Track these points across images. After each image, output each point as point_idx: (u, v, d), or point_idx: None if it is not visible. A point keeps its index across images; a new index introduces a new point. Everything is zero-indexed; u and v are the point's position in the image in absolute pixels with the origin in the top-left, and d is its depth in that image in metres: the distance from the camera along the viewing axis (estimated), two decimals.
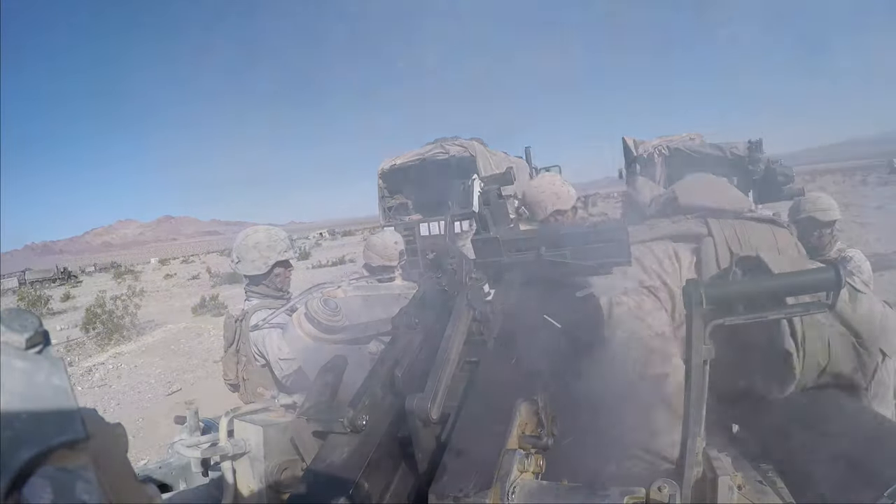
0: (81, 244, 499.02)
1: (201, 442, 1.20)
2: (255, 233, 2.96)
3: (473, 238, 1.26)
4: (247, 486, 1.10)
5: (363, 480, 0.78)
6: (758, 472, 1.19)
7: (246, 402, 2.82)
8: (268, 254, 2.87)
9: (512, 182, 1.29)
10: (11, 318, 0.38)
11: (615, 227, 1.17)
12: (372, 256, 4.09)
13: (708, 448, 0.85)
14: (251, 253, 2.88)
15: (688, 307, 0.71)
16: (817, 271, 0.73)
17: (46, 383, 0.36)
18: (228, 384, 2.99)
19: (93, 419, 0.43)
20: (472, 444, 0.74)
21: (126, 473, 0.44)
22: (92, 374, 9.61)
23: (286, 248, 2.92)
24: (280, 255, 2.88)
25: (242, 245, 2.92)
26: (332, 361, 1.04)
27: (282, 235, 2.95)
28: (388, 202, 11.63)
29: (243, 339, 2.83)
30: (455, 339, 0.93)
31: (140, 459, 5.24)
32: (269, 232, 2.95)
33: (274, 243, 2.89)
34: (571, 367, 1.04)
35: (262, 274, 2.90)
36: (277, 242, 2.89)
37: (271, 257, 2.87)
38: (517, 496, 0.67)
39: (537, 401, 0.80)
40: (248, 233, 2.98)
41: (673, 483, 0.62)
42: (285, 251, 2.91)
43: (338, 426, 0.85)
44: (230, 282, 21.74)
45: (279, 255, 2.87)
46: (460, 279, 1.04)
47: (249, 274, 2.92)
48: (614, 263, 1.16)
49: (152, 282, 31.17)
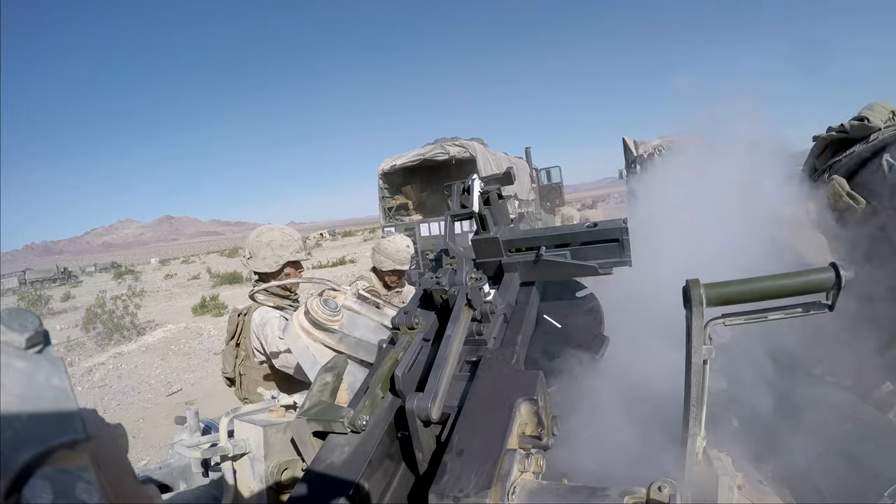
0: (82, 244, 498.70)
1: (201, 442, 1.20)
2: (269, 231, 2.99)
3: (473, 238, 1.26)
4: (247, 486, 1.10)
5: (363, 480, 0.78)
6: (758, 472, 1.19)
7: (241, 399, 2.83)
8: (280, 252, 2.89)
9: (512, 182, 1.29)
10: (12, 318, 0.38)
11: (616, 227, 1.16)
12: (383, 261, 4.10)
13: (708, 448, 0.85)
14: (264, 250, 2.91)
15: (688, 307, 0.71)
16: (817, 271, 0.73)
17: (46, 383, 0.36)
18: (225, 377, 3.01)
19: (93, 419, 0.43)
20: (472, 444, 0.74)
21: (126, 473, 0.44)
22: (92, 374, 9.61)
23: (298, 249, 2.94)
24: (292, 255, 2.91)
25: (256, 242, 2.95)
26: (333, 361, 1.04)
27: (296, 236, 2.99)
28: (389, 202, 11.64)
29: (244, 334, 2.85)
30: (455, 339, 0.93)
31: (140, 459, 5.24)
32: (284, 231, 2.98)
33: (287, 243, 2.92)
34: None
35: (272, 272, 2.93)
36: (291, 242, 2.93)
37: (283, 256, 2.89)
38: (517, 496, 0.67)
39: (537, 401, 0.80)
40: (262, 230, 3.01)
41: (673, 483, 0.62)
42: (297, 252, 2.93)
43: (338, 426, 0.85)
44: (230, 282, 21.73)
45: (291, 255, 2.90)
46: (460, 279, 1.04)
47: (260, 271, 2.94)
48: (614, 263, 1.16)
49: (152, 282, 31.18)
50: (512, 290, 1.17)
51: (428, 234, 10.48)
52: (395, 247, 4.08)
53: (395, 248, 4.07)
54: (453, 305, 1.00)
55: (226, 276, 22.96)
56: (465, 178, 1.25)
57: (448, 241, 1.22)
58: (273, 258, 2.90)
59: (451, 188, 1.26)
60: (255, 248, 2.94)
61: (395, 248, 4.07)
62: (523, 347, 1.03)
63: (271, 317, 2.80)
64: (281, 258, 2.89)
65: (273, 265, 2.91)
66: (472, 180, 1.23)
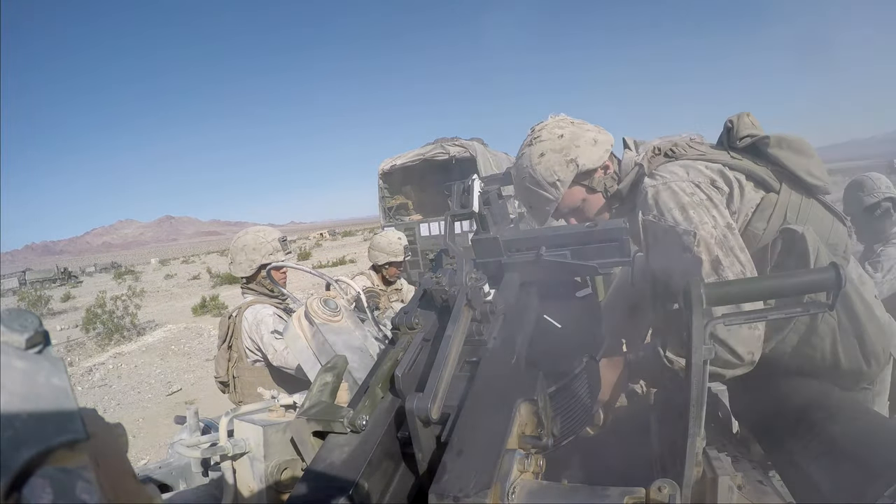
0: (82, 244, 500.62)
1: (201, 442, 1.20)
2: (244, 235, 3.02)
3: (473, 238, 1.26)
4: (247, 486, 1.10)
5: (363, 480, 0.78)
6: (758, 472, 1.19)
7: (235, 402, 2.85)
8: (253, 256, 2.91)
9: (512, 182, 1.29)
10: (11, 318, 0.38)
11: (615, 227, 1.17)
12: (378, 255, 4.17)
13: (708, 448, 0.85)
14: (239, 255, 2.95)
15: (687, 307, 0.71)
16: (817, 271, 0.73)
17: (46, 383, 0.36)
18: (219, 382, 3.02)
19: (93, 419, 0.43)
20: (472, 444, 0.74)
21: (126, 473, 0.43)
22: (92, 374, 9.61)
23: (272, 251, 2.93)
24: (265, 257, 2.90)
25: (233, 247, 3.01)
26: (333, 361, 1.04)
27: (270, 238, 2.95)
28: (389, 202, 11.64)
29: (236, 335, 2.86)
30: (455, 339, 0.93)
31: (140, 459, 5.24)
32: (257, 234, 2.98)
33: (259, 245, 2.91)
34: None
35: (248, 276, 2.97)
36: (263, 245, 2.92)
37: (256, 260, 2.91)
38: (517, 496, 0.67)
39: (537, 401, 0.80)
40: (239, 235, 3.04)
41: (673, 483, 0.62)
42: (271, 254, 2.92)
43: (338, 426, 0.86)
44: (230, 282, 21.74)
45: (263, 258, 2.90)
46: (460, 279, 1.04)
47: (239, 275, 3.00)
48: (614, 263, 1.16)
49: (152, 282, 31.18)
50: (512, 290, 1.17)
51: (428, 234, 10.48)
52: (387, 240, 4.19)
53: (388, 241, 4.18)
54: (453, 305, 1.00)
55: (226, 277, 22.97)
56: (465, 178, 1.25)
57: (448, 241, 1.22)
58: (247, 262, 2.93)
59: (451, 188, 1.26)
60: (233, 254, 3.01)
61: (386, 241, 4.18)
62: (523, 347, 1.03)
63: (265, 315, 2.81)
64: (254, 262, 2.92)
65: (248, 269, 2.95)
66: (472, 180, 1.23)
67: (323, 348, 1.28)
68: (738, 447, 1.32)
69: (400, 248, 4.17)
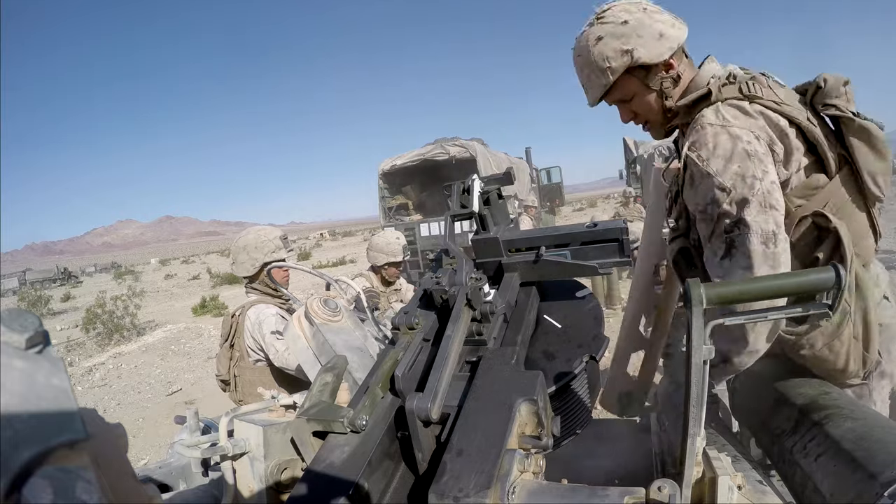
0: (82, 244, 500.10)
1: (201, 442, 1.20)
2: (246, 234, 3.03)
3: (473, 238, 1.26)
4: (247, 486, 1.10)
5: (363, 480, 0.78)
6: (758, 472, 1.19)
7: (236, 401, 2.85)
8: (255, 255, 2.92)
9: (512, 182, 1.29)
10: (11, 319, 0.38)
11: (616, 226, 1.17)
12: (376, 256, 4.16)
13: (708, 448, 0.85)
14: (241, 255, 2.97)
15: (687, 307, 0.71)
16: (818, 271, 0.73)
17: (46, 383, 0.36)
18: (220, 380, 3.03)
19: (93, 419, 0.43)
20: (472, 444, 0.74)
21: (126, 473, 0.44)
22: (92, 374, 9.61)
23: (274, 249, 2.95)
24: (267, 256, 2.92)
25: (235, 247, 3.02)
26: (333, 361, 1.04)
27: (271, 236, 2.97)
28: (389, 202, 11.64)
29: (238, 334, 2.87)
30: (455, 339, 0.93)
31: (140, 459, 5.24)
32: (259, 233, 3.00)
33: (262, 244, 2.93)
34: None
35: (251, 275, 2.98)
36: (265, 244, 2.93)
37: (258, 258, 2.92)
38: (517, 496, 0.67)
39: (537, 401, 0.80)
40: (240, 235, 3.06)
41: (673, 483, 0.62)
42: (273, 252, 2.94)
43: (338, 426, 0.86)
44: (230, 282, 21.74)
45: (266, 257, 2.92)
46: (460, 279, 1.04)
47: (240, 275, 3.01)
48: (614, 263, 1.16)
49: (153, 282, 31.18)
50: (512, 290, 1.17)
51: (428, 234, 10.48)
52: (386, 240, 4.18)
53: (386, 241, 4.17)
54: (453, 305, 1.00)
55: (226, 277, 22.97)
56: (465, 178, 1.25)
57: (448, 241, 1.22)
58: (249, 261, 2.95)
59: (451, 188, 1.26)
60: (234, 254, 3.02)
61: (385, 241, 4.17)
62: (523, 347, 1.03)
63: (268, 315, 2.82)
64: (256, 261, 2.93)
65: (251, 268, 2.97)
66: (472, 180, 1.23)
67: (323, 348, 1.28)
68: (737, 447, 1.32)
69: (398, 248, 4.15)
